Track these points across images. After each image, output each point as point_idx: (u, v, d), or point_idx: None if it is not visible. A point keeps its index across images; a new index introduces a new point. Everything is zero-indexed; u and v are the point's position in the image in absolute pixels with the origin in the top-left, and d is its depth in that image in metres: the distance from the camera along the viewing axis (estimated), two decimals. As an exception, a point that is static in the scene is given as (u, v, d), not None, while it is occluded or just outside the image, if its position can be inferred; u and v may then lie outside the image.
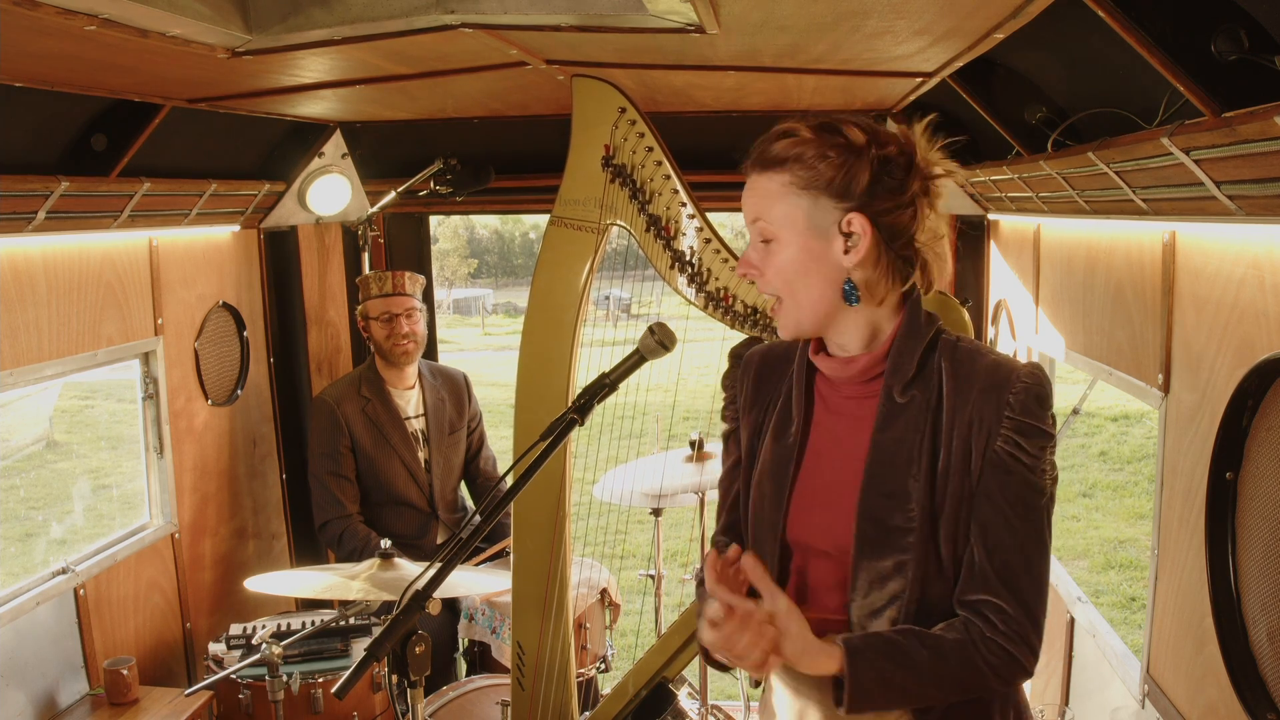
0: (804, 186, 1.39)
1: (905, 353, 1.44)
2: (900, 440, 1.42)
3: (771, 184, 1.40)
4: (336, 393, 3.37)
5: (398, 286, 3.36)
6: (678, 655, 2.36)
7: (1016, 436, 1.36)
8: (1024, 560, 1.38)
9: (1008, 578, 1.37)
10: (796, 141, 1.39)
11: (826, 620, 1.47)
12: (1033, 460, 1.37)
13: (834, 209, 1.39)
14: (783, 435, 1.54)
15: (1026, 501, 1.38)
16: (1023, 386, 1.37)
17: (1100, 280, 2.43)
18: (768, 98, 2.94)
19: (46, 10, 1.38)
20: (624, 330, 2.11)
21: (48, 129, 2.36)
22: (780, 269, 1.42)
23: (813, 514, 1.49)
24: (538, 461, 1.52)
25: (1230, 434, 1.68)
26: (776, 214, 1.40)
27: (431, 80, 2.39)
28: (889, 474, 1.41)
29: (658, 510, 3.21)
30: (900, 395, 1.43)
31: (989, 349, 1.47)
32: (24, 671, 2.47)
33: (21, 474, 8.27)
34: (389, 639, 1.40)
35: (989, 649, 1.37)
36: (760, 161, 1.42)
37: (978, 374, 1.40)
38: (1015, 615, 1.37)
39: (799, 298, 1.43)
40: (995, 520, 1.38)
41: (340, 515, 3.28)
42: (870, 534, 1.41)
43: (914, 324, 1.46)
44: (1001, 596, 1.37)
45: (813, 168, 1.38)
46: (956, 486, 1.39)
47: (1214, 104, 1.40)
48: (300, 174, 3.46)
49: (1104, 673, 2.45)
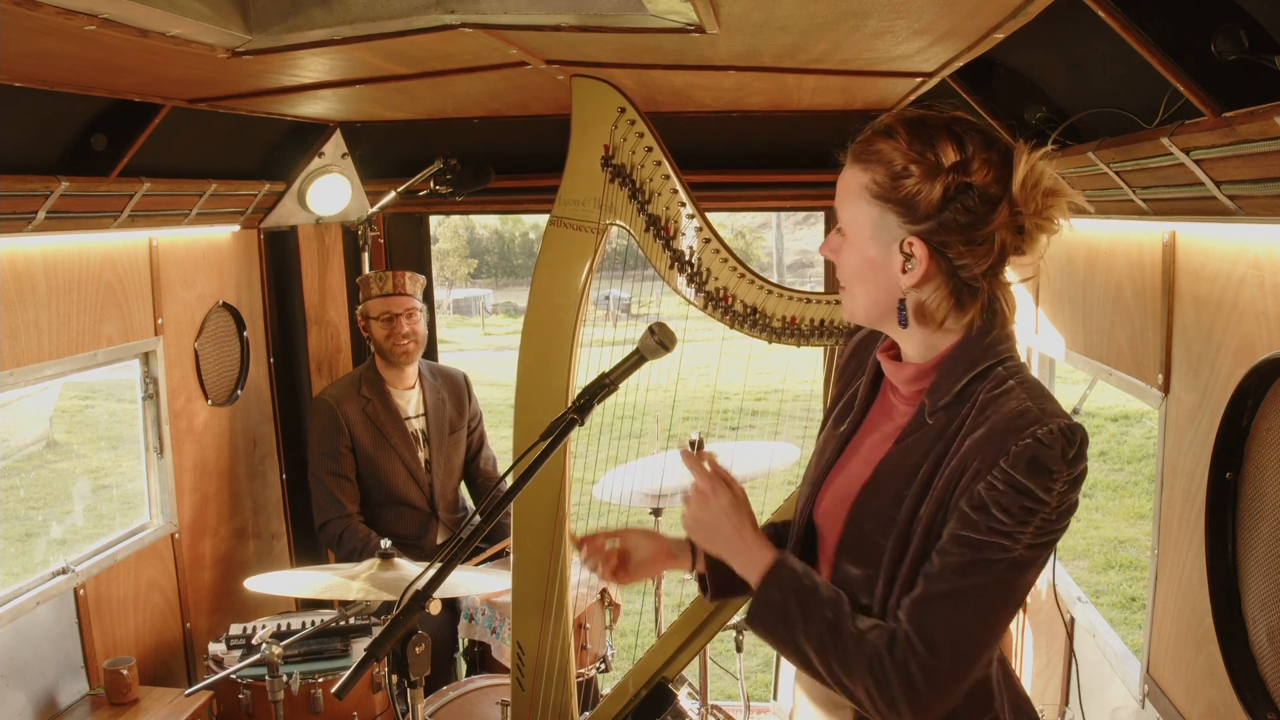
0: (876, 195, 1.33)
1: (949, 376, 1.37)
2: (908, 454, 1.38)
3: (854, 181, 1.37)
4: (336, 392, 3.37)
5: (398, 286, 3.36)
6: (678, 655, 2.36)
7: (1001, 488, 1.25)
8: (953, 608, 1.27)
9: (924, 611, 1.28)
10: (891, 145, 1.33)
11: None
12: (1007, 518, 1.25)
13: (898, 227, 1.32)
14: (840, 422, 1.55)
15: (980, 552, 1.26)
16: (1028, 444, 1.24)
17: (1100, 280, 2.43)
18: (768, 98, 2.94)
19: (46, 10, 1.38)
20: (624, 330, 2.11)
21: (48, 129, 2.36)
22: (845, 264, 1.41)
23: (833, 503, 1.49)
24: (538, 461, 1.52)
25: (1230, 434, 1.68)
26: (848, 213, 1.38)
27: (431, 80, 2.39)
28: (886, 486, 1.40)
29: (658, 510, 3.21)
30: (930, 415, 1.38)
31: (1035, 396, 1.31)
32: (24, 671, 2.47)
33: (21, 474, 8.27)
34: (389, 639, 1.40)
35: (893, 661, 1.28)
36: (855, 153, 1.38)
37: (999, 415, 1.30)
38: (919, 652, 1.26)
39: (856, 296, 1.42)
40: (943, 556, 1.29)
41: (340, 515, 3.28)
42: (851, 538, 1.42)
43: (968, 349, 1.36)
44: (914, 626, 1.27)
45: (890, 178, 1.31)
46: (929, 517, 1.32)
47: (1214, 104, 1.41)
48: (300, 174, 3.46)
49: (1104, 673, 2.45)
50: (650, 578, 1.51)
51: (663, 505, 3.18)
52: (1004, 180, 1.30)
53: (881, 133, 1.35)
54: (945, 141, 1.30)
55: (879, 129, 1.36)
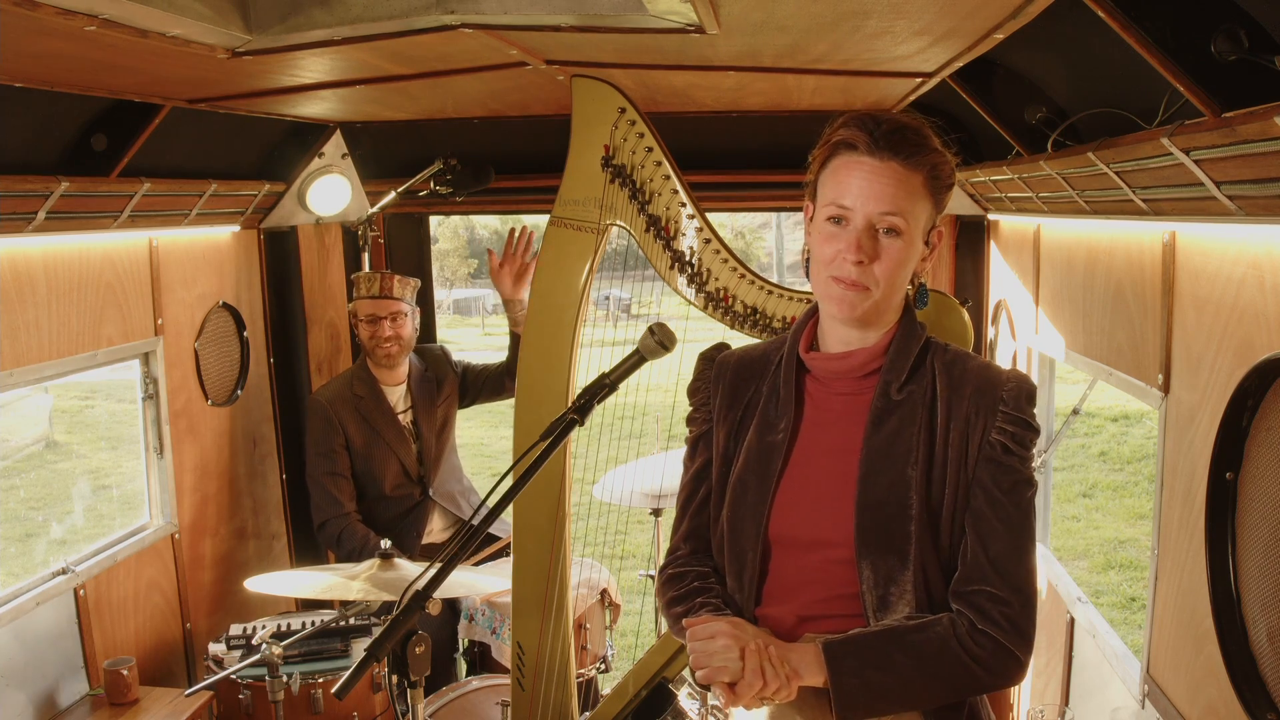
0: (931, 193, 1.43)
1: (903, 352, 1.48)
2: (897, 433, 1.45)
3: (914, 180, 1.42)
4: (329, 393, 3.37)
5: (385, 289, 3.34)
6: (678, 655, 2.35)
7: (1010, 428, 1.42)
8: (1017, 549, 1.42)
9: (1002, 566, 1.40)
10: (927, 140, 1.43)
11: (808, 618, 1.48)
12: (1023, 453, 1.43)
13: (932, 217, 1.46)
14: (769, 431, 1.54)
15: (1018, 491, 1.43)
16: (1014, 386, 1.44)
17: (1100, 280, 2.43)
18: (768, 98, 2.94)
19: (46, 10, 1.38)
20: (624, 330, 2.11)
21: (48, 129, 2.35)
22: (894, 265, 1.43)
23: (799, 509, 1.49)
24: (538, 461, 1.52)
25: (1230, 434, 1.68)
26: (911, 211, 1.42)
27: (431, 80, 2.39)
28: (887, 466, 1.44)
29: (658, 510, 3.21)
30: (896, 392, 1.47)
31: (972, 354, 1.53)
32: (24, 671, 2.47)
33: (21, 474, 8.27)
34: (389, 639, 1.40)
35: (976, 642, 1.38)
36: (898, 151, 1.40)
37: (970, 374, 1.47)
38: (1011, 602, 1.39)
39: (890, 294, 1.46)
40: (989, 510, 1.42)
41: (338, 514, 3.28)
42: (870, 526, 1.43)
43: (909, 327, 1.51)
44: (996, 585, 1.40)
45: (939, 177, 1.44)
46: (954, 476, 1.42)
47: (1214, 104, 1.40)
48: (300, 174, 3.46)
49: (1104, 673, 2.45)
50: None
51: (662, 505, 3.18)
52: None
53: (918, 131, 1.43)
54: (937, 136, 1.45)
55: (912, 129, 1.42)
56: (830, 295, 1.46)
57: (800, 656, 1.39)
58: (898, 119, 1.42)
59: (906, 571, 1.41)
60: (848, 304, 1.44)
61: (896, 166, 1.40)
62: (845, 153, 1.42)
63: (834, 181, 1.44)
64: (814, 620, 1.48)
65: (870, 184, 1.40)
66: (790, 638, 1.47)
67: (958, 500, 1.43)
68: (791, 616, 1.50)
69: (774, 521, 1.50)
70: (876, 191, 1.40)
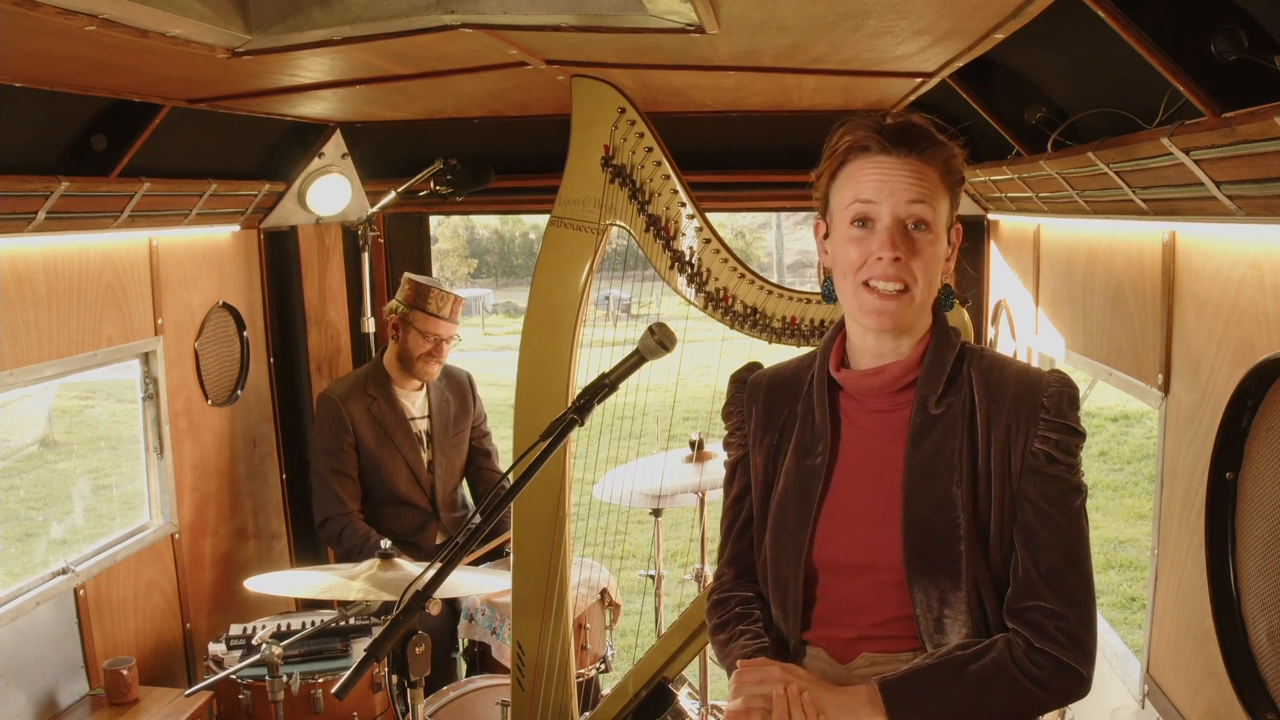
0: (947, 187, 1.41)
1: (938, 363, 1.42)
2: (938, 450, 1.40)
3: (931, 174, 1.39)
4: (342, 390, 3.37)
5: (454, 315, 3.35)
6: (678, 655, 2.35)
7: (1053, 436, 1.37)
8: (1070, 561, 1.37)
9: (1055, 580, 1.35)
10: (937, 139, 1.41)
11: (865, 638, 1.45)
12: (1069, 459, 1.37)
13: (950, 216, 1.43)
14: (807, 455, 1.50)
15: (1066, 501, 1.38)
16: (1055, 390, 1.38)
17: (1100, 280, 2.43)
18: (768, 98, 2.94)
19: (46, 10, 1.38)
20: (624, 330, 2.11)
21: (48, 129, 2.35)
22: (928, 260, 1.39)
23: (844, 532, 1.46)
24: (538, 461, 1.52)
25: (1230, 434, 1.68)
26: (935, 204, 1.39)
27: (431, 80, 2.39)
28: (931, 484, 1.39)
29: (658, 510, 3.21)
30: (935, 406, 1.41)
31: (1012, 358, 1.48)
32: (24, 671, 2.47)
33: (21, 474, 8.27)
34: (389, 639, 1.40)
35: (1034, 662, 1.33)
36: (922, 147, 1.38)
37: (1008, 381, 1.41)
38: (1067, 616, 1.34)
39: (926, 292, 1.41)
40: (1037, 522, 1.36)
41: (341, 512, 3.28)
42: (919, 547, 1.38)
43: (945, 335, 1.45)
44: (1050, 600, 1.35)
45: (952, 171, 1.41)
46: (999, 490, 1.37)
47: (1214, 104, 1.40)
48: (300, 174, 3.46)
49: (1104, 673, 2.45)
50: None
51: (662, 506, 3.18)
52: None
53: (922, 125, 1.40)
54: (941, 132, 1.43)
55: (920, 126, 1.40)
56: (865, 308, 1.39)
57: (853, 699, 1.35)
58: (903, 116, 1.41)
59: (959, 592, 1.37)
60: (887, 315, 1.39)
61: (913, 160, 1.37)
62: (858, 156, 1.39)
63: (852, 184, 1.39)
64: (871, 640, 1.45)
65: (891, 178, 1.37)
66: (846, 659, 1.46)
67: (1005, 515, 1.37)
68: (846, 639, 1.47)
69: (818, 547, 1.47)
70: (899, 185, 1.36)
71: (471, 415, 3.60)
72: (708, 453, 3.15)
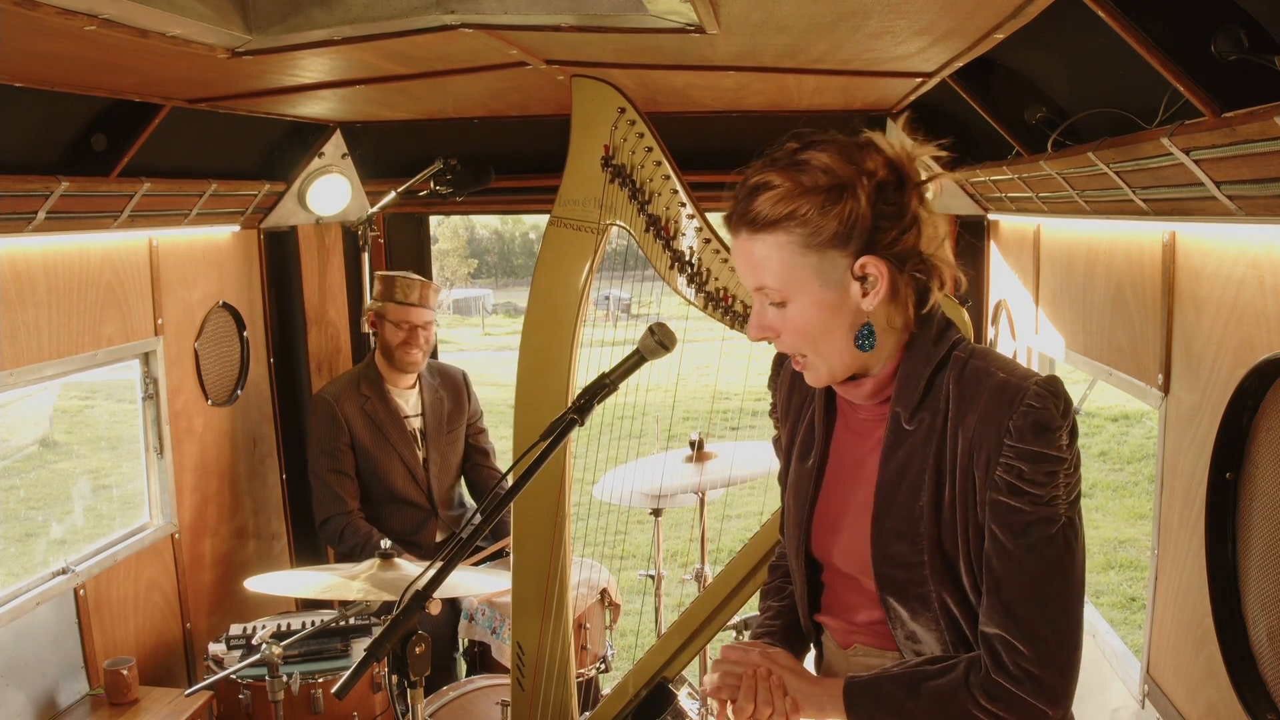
0: (805, 245, 1.29)
1: (911, 376, 1.37)
2: (905, 467, 1.36)
3: (766, 248, 1.31)
4: (336, 390, 3.37)
5: (423, 300, 3.36)
6: (678, 655, 2.35)
7: (1018, 464, 1.27)
8: (1034, 595, 1.28)
9: (1016, 614, 1.29)
10: (779, 195, 1.29)
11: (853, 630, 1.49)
12: (1037, 489, 1.26)
13: (842, 258, 1.30)
14: (805, 455, 1.53)
15: (1032, 533, 1.27)
16: (1024, 411, 1.26)
17: (1100, 280, 2.43)
18: (768, 98, 2.94)
19: (46, 10, 1.38)
20: (624, 330, 2.11)
21: (48, 129, 2.35)
22: (800, 330, 1.34)
23: (833, 536, 1.48)
24: (538, 462, 1.52)
25: (1230, 434, 1.68)
26: (783, 277, 1.31)
27: (431, 80, 2.39)
28: (895, 504, 1.37)
29: (658, 510, 3.21)
30: (907, 421, 1.36)
31: (1003, 365, 1.34)
32: (24, 671, 2.47)
33: (21, 474, 8.27)
34: (389, 639, 1.40)
35: (988, 692, 1.30)
36: (748, 222, 1.32)
37: (981, 396, 1.31)
38: (1025, 652, 1.28)
39: (825, 352, 1.36)
40: (997, 555, 1.30)
41: (341, 512, 3.28)
42: (886, 568, 1.38)
43: (921, 345, 1.37)
44: (1010, 632, 1.29)
45: (810, 223, 1.28)
46: (963, 516, 1.32)
47: (1214, 104, 1.40)
48: (300, 174, 3.46)
49: (1104, 673, 2.45)
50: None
51: (662, 505, 3.18)
52: (889, 163, 1.33)
53: (754, 193, 1.31)
54: (828, 158, 1.30)
55: (748, 194, 1.32)
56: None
57: (822, 692, 1.41)
58: (750, 180, 1.34)
59: (928, 612, 1.36)
60: (811, 379, 1.42)
61: (746, 238, 1.33)
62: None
63: None
64: (861, 634, 1.49)
65: (738, 263, 1.37)
66: (845, 646, 1.51)
67: (970, 541, 1.32)
68: (844, 630, 1.52)
69: (814, 545, 1.52)
70: (743, 269, 1.36)
71: (466, 413, 3.60)
72: (708, 453, 3.15)
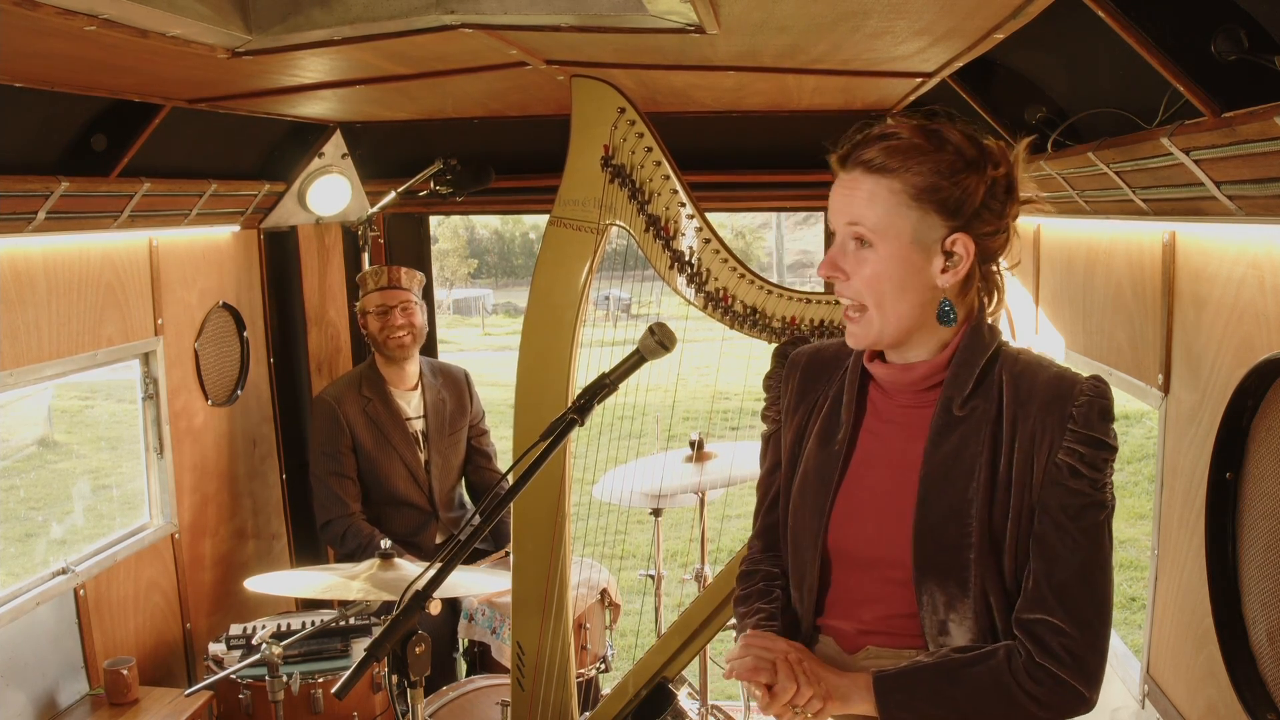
0: (915, 198, 1.34)
1: (967, 364, 1.41)
2: (958, 453, 1.38)
3: (879, 188, 1.35)
4: (337, 392, 3.37)
5: (393, 280, 3.36)
6: (678, 655, 2.36)
7: (1079, 448, 1.33)
8: (1083, 578, 1.33)
9: (1066, 595, 1.33)
10: (906, 146, 1.34)
11: (868, 633, 1.46)
12: (1094, 474, 1.33)
13: (941, 226, 1.35)
14: (828, 441, 1.50)
15: (1086, 516, 1.33)
16: (1086, 400, 1.34)
17: (1100, 280, 2.43)
18: (767, 98, 2.94)
19: (46, 10, 1.38)
20: (624, 330, 2.11)
21: (48, 129, 2.35)
22: (873, 278, 1.37)
23: (857, 523, 1.46)
24: (538, 462, 1.52)
25: (1230, 434, 1.68)
26: (881, 221, 1.35)
27: (431, 80, 2.39)
28: (946, 487, 1.38)
29: (658, 510, 3.21)
30: (959, 408, 1.39)
31: (1051, 361, 1.43)
32: (24, 671, 2.47)
33: (21, 474, 8.27)
34: (389, 639, 1.40)
35: (1033, 676, 1.32)
36: (864, 162, 1.36)
37: (1039, 387, 1.37)
38: (1071, 634, 1.32)
39: (887, 310, 1.38)
40: (1053, 535, 1.33)
41: (343, 514, 3.28)
42: (929, 551, 1.38)
43: (978, 336, 1.43)
44: (1057, 615, 1.32)
45: (927, 179, 1.34)
46: (1018, 499, 1.35)
47: (1214, 104, 1.40)
48: (300, 174, 3.46)
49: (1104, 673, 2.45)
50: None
51: (662, 505, 3.18)
52: (1009, 169, 1.39)
53: (881, 139, 1.36)
54: (955, 136, 1.36)
55: (875, 139, 1.37)
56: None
57: (852, 683, 1.38)
58: (877, 129, 1.38)
59: (966, 599, 1.36)
60: (852, 336, 1.42)
61: (859, 175, 1.36)
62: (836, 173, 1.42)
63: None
64: (875, 635, 1.46)
65: (837, 198, 1.39)
66: (851, 651, 1.47)
67: (1021, 524, 1.35)
68: (852, 631, 1.48)
69: (832, 535, 1.47)
70: (841, 204, 1.38)
71: (469, 414, 3.60)
72: (708, 453, 3.15)
